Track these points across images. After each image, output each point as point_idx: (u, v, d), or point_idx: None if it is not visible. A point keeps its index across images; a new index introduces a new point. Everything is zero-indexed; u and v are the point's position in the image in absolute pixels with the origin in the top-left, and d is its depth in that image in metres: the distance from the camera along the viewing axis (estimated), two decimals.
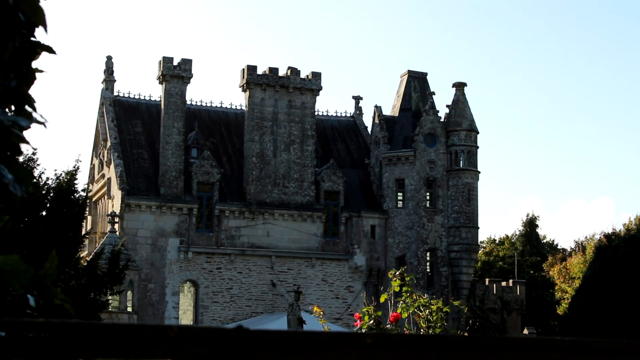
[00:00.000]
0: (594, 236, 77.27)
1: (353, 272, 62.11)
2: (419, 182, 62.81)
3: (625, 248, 52.96)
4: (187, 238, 58.85)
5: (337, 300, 61.46)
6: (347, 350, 1.58)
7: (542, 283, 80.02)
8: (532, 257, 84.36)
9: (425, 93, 65.50)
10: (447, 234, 62.53)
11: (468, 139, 63.59)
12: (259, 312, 59.50)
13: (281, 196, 61.17)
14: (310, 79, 63.33)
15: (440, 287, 61.30)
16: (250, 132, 61.53)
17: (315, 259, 61.27)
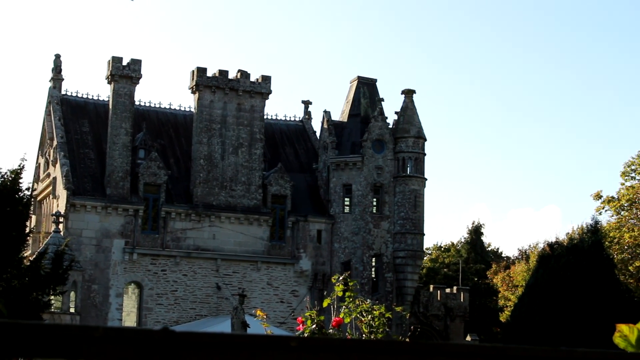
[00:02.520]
0: (538, 245, 78.16)
1: (298, 277, 62.17)
2: (366, 187, 63.06)
3: (567, 257, 53.54)
4: (133, 239, 58.50)
5: (282, 304, 61.47)
6: (272, 353, 1.64)
7: (485, 290, 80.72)
8: (477, 265, 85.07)
9: (374, 99, 65.79)
10: (393, 240, 62.84)
11: (416, 146, 63.97)
12: (203, 315, 59.32)
13: (228, 199, 61.06)
14: (260, 82, 63.32)
15: (385, 292, 61.58)
16: (199, 134, 61.36)
17: (260, 263, 61.25)
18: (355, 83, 67.02)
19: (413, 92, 65.76)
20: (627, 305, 49.95)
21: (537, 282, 54.18)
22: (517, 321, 54.14)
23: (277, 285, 61.77)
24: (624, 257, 58.13)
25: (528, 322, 51.57)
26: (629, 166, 57.72)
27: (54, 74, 63.84)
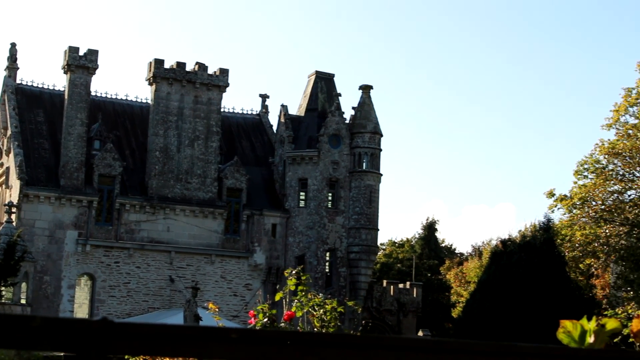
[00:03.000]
0: (491, 242, 78.78)
1: (252, 270, 62.11)
2: (322, 182, 63.13)
3: (519, 254, 54.06)
4: (86, 231, 58.08)
5: (235, 297, 61.38)
6: (212, 345, 1.66)
7: (438, 286, 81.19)
8: (430, 261, 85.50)
9: (331, 94, 65.85)
10: (348, 235, 63.00)
11: (372, 142, 64.15)
12: (156, 308, 59.08)
13: (183, 192, 60.84)
14: (217, 75, 63.12)
15: (339, 287, 61.72)
16: (155, 126, 61.05)
17: (215, 256, 61.10)
18: (313, 78, 67.02)
19: (370, 87, 65.91)
20: (578, 302, 50.56)
21: (489, 278, 54.66)
22: (468, 317, 54.59)
23: (231, 279, 61.66)
24: (575, 254, 58.58)
25: (479, 318, 52.01)
26: (582, 165, 58.16)
27: (9, 62, 63.14)
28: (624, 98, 57.28)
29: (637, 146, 55.52)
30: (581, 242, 57.35)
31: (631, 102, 56.89)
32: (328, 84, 66.83)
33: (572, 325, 3.61)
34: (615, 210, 55.78)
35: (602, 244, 55.86)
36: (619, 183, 56.74)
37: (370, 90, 65.87)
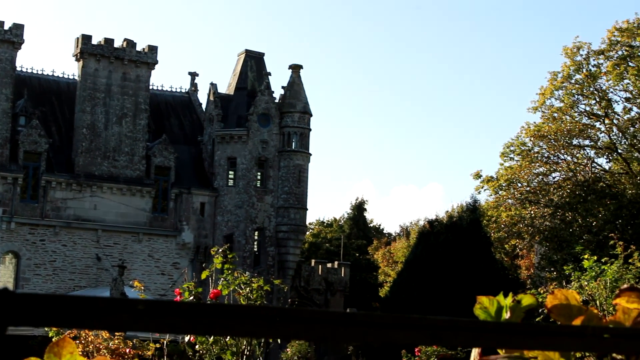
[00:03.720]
0: (419, 222, 79.48)
1: (180, 249, 61.83)
2: (251, 161, 63.01)
3: (446, 234, 54.65)
4: (11, 208, 57.21)
5: (163, 276, 61.06)
6: (118, 316, 1.65)
7: (366, 266, 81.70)
8: (358, 240, 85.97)
9: (261, 73, 65.64)
10: (276, 214, 63.03)
11: (301, 121, 64.18)
12: (82, 286, 58.51)
13: (111, 169, 60.24)
14: (146, 52, 62.51)
15: (267, 266, 61.76)
16: (82, 103, 60.29)
17: (142, 234, 60.67)
18: (242, 56, 66.72)
19: (300, 67, 65.87)
20: (502, 282, 51.24)
21: (416, 258, 55.19)
22: (395, 296, 55.08)
23: (159, 257, 61.32)
24: (500, 235, 59.48)
25: (406, 297, 52.50)
26: (508, 147, 58.98)
27: None
28: (550, 82, 58.11)
29: (562, 129, 56.43)
30: (506, 223, 58.22)
31: (557, 85, 57.75)
32: (258, 62, 66.61)
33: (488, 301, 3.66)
34: (540, 192, 56.68)
35: (527, 225, 56.76)
36: (544, 165, 57.66)
37: (300, 69, 65.83)
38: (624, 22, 56.97)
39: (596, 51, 57.60)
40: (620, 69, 56.34)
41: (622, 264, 19.62)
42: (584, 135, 57.78)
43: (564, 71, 57.91)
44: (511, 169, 58.30)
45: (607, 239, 22.42)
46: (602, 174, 57.54)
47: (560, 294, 3.42)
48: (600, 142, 58.18)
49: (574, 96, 57.93)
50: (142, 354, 17.39)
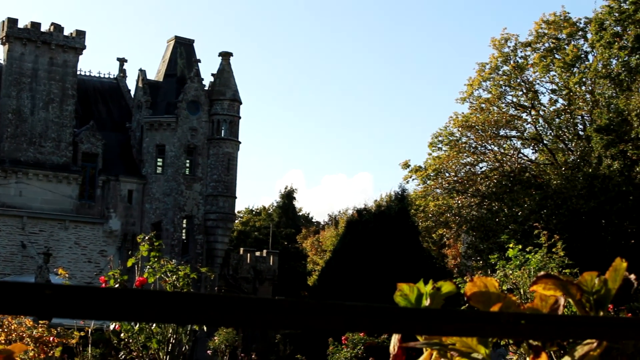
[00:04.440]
0: (347, 211, 79.84)
1: (107, 237, 61.22)
2: (180, 149, 62.62)
3: (374, 224, 54.95)
4: None
5: (89, 264, 60.41)
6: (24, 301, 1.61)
7: (295, 254, 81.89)
8: (287, 229, 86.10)
9: (191, 60, 65.21)
10: (205, 202, 62.76)
11: (231, 109, 63.94)
12: (6, 274, 57.60)
13: (37, 155, 59.36)
14: (74, 37, 61.66)
15: (195, 254, 61.50)
16: (8, 88, 59.27)
17: (69, 222, 59.93)
18: (172, 43, 66.21)
19: (230, 54, 65.59)
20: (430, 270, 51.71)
21: (344, 247, 55.41)
22: (323, 285, 55.26)
23: (85, 245, 60.64)
24: (428, 224, 60.09)
25: (334, 286, 52.70)
26: (436, 137, 59.55)
27: None
28: (478, 73, 58.79)
29: (490, 120, 57.13)
30: (434, 212, 58.82)
31: (484, 77, 58.45)
32: (187, 49, 66.16)
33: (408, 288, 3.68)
34: (468, 181, 57.36)
35: (454, 215, 57.41)
36: (472, 155, 58.35)
37: (230, 57, 65.56)
38: (550, 15, 57.84)
39: (523, 43, 58.41)
40: (546, 61, 57.22)
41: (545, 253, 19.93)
42: (511, 126, 58.60)
43: (492, 62, 58.62)
44: (439, 158, 58.88)
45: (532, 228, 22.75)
46: (528, 164, 58.42)
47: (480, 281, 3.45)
48: (527, 133, 59.06)
49: (502, 87, 58.72)
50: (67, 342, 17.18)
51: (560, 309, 3.42)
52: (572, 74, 56.44)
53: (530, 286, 3.50)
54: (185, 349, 13.16)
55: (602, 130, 45.29)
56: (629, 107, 43.44)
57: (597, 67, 50.55)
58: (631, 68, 47.54)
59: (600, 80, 50.81)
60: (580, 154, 52.78)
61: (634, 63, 46.87)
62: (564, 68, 56.72)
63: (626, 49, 46.76)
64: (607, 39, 46.90)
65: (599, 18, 48.63)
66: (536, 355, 3.15)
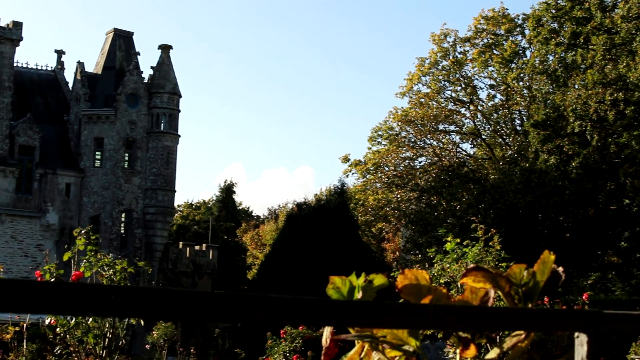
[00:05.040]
0: (287, 205, 79.84)
1: (45, 231, 60.52)
2: (119, 142, 62.10)
3: (314, 217, 55.03)
4: None
5: (25, 258, 59.68)
6: None
7: (235, 248, 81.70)
8: (227, 223, 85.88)
9: (130, 53, 64.68)
10: (144, 196, 62.35)
11: (171, 102, 63.56)
12: None
13: None
14: (10, 28, 60.81)
15: (134, 248, 61.07)
16: None
17: (5, 215, 59.13)
18: (111, 35, 65.60)
19: (170, 47, 65.18)
20: (369, 264, 51.96)
21: (284, 240, 55.41)
22: (263, 278, 55.21)
23: (22, 239, 59.89)
24: (367, 218, 60.36)
25: (274, 280, 52.68)
26: (376, 131, 59.85)
27: None
28: (418, 68, 59.16)
29: (429, 114, 57.53)
30: (374, 206, 59.11)
31: (424, 71, 58.83)
32: (127, 42, 65.61)
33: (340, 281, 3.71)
34: (407, 176, 57.71)
35: (393, 209, 57.73)
36: (411, 150, 58.71)
37: (170, 50, 65.16)
38: (489, 11, 58.42)
39: (462, 38, 58.92)
40: (485, 57, 57.78)
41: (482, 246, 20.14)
42: (450, 121, 59.09)
43: (432, 57, 59.04)
44: (379, 153, 59.18)
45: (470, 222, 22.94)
46: (466, 159, 58.96)
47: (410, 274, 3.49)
48: (465, 128, 59.60)
49: (441, 82, 59.18)
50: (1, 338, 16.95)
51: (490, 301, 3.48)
52: (510, 70, 57.09)
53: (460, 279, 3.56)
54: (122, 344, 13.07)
55: (539, 126, 45.84)
56: (565, 103, 44.03)
57: (534, 63, 51.15)
58: (567, 64, 48.20)
59: (537, 76, 51.44)
60: (517, 149, 53.41)
61: (570, 59, 47.52)
62: (502, 64, 57.35)
63: (562, 45, 47.39)
64: (544, 35, 47.49)
65: (537, 15, 49.22)
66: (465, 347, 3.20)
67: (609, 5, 44.87)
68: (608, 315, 2.89)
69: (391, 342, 3.35)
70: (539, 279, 3.43)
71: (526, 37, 55.66)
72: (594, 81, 41.98)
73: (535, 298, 3.46)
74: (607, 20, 43.17)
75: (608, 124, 41.82)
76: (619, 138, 41.79)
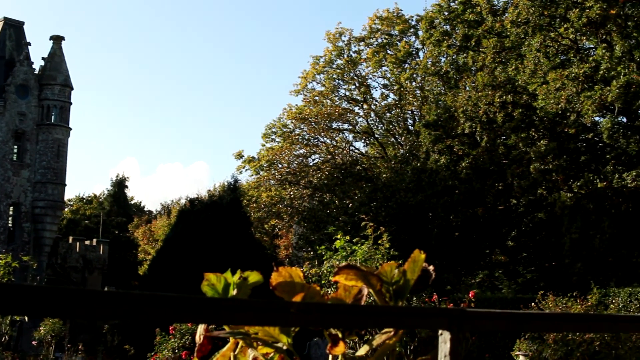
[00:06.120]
0: (180, 200, 79.30)
1: None
2: (7, 134, 60.75)
3: (206, 213, 54.74)
4: None
5: None
6: None
7: (126, 243, 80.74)
8: (119, 218, 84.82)
9: (20, 42, 63.32)
10: (33, 189, 61.14)
11: (62, 94, 62.47)
12: None
13: None
14: None
15: (22, 243, 59.86)
16: None
17: None
18: (0, 24, 64.10)
19: (62, 38, 64.07)
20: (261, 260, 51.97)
21: (176, 236, 55.01)
22: (154, 274, 54.71)
23: None
24: (260, 215, 60.34)
25: (165, 276, 52.27)
26: (270, 128, 59.91)
27: None
28: (312, 66, 59.44)
29: (323, 112, 57.85)
30: (267, 203, 59.14)
31: (319, 69, 59.14)
32: (17, 31, 64.21)
33: (215, 277, 3.75)
34: (300, 173, 57.92)
35: (286, 206, 57.89)
36: (304, 147, 58.95)
37: (62, 41, 64.04)
38: (384, 11, 59.02)
39: (357, 38, 59.40)
40: (379, 57, 58.37)
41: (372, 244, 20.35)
42: (344, 119, 59.49)
43: (326, 56, 59.35)
44: (272, 150, 59.23)
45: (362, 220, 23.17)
46: (359, 157, 59.45)
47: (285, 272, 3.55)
48: (359, 127, 60.09)
49: (335, 81, 59.55)
50: None
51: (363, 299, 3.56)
52: (404, 70, 57.78)
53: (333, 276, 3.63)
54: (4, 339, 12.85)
55: (430, 126, 46.48)
56: (456, 104, 44.72)
57: (426, 64, 51.86)
58: (459, 66, 48.99)
59: (429, 77, 52.18)
60: (409, 149, 54.08)
61: (462, 61, 48.32)
62: (396, 64, 58.01)
63: (454, 47, 48.15)
64: (436, 37, 48.17)
65: (430, 16, 49.90)
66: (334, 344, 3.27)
67: (500, 10, 45.74)
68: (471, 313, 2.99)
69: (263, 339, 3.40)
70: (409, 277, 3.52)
71: (419, 39, 56.40)
72: (484, 83, 42.76)
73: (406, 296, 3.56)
74: (497, 24, 44.01)
75: (497, 126, 42.63)
76: (507, 140, 42.66)
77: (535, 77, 40.05)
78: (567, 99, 37.89)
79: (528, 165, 40.79)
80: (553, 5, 39.06)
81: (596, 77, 37.38)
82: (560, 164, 39.73)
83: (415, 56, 58.30)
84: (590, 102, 36.69)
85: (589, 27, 37.82)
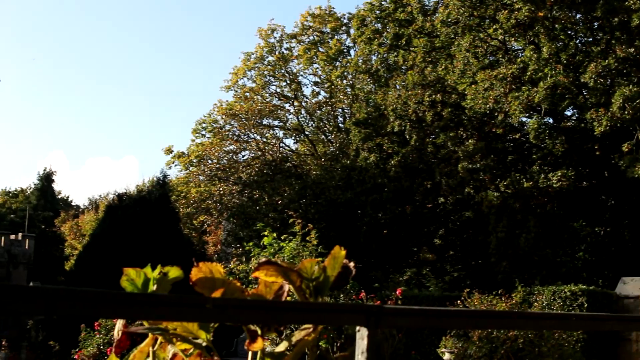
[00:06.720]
0: (109, 195, 78.55)
1: None
2: None
3: (134, 208, 54.30)
4: None
5: None
6: None
7: (52, 238, 79.70)
8: (45, 212, 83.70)
9: None
10: None
11: None
12: None
13: None
14: None
15: None
16: None
17: None
18: None
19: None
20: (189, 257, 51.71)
21: (103, 231, 54.48)
22: (80, 270, 54.14)
23: None
24: (189, 211, 60.05)
25: (91, 271, 51.75)
26: (200, 124, 59.63)
27: None
28: (243, 62, 59.33)
29: (253, 109, 57.78)
30: (196, 199, 58.88)
31: (250, 66, 59.04)
32: None
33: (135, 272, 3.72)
34: (230, 169, 57.78)
35: (216, 202, 57.70)
36: (235, 143, 58.82)
37: None
38: (316, 9, 59.15)
39: (289, 34, 59.43)
40: (310, 54, 58.49)
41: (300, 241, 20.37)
42: (274, 116, 59.48)
43: (258, 52, 59.26)
44: (202, 145, 58.97)
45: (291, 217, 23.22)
46: (289, 154, 59.50)
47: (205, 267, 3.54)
48: (289, 123, 60.12)
49: (266, 77, 59.51)
50: None
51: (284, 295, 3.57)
52: (335, 68, 57.97)
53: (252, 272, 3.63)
54: None
55: (360, 124, 46.67)
56: (386, 103, 44.98)
57: (357, 62, 52.08)
58: (389, 65, 49.26)
59: (360, 75, 52.38)
60: (339, 146, 54.26)
61: (392, 60, 48.59)
62: (327, 61, 58.17)
63: (385, 46, 48.38)
64: (367, 35, 48.35)
65: (361, 15, 50.07)
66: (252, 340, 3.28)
67: (430, 10, 46.06)
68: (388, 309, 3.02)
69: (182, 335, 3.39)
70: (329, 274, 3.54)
71: (351, 37, 56.61)
72: (413, 82, 43.06)
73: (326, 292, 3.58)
74: (428, 24, 44.33)
75: (426, 125, 42.96)
76: (436, 138, 43.00)
77: (465, 77, 40.46)
78: (495, 99, 38.35)
79: (456, 164, 41.20)
80: (483, 6, 39.49)
81: (524, 78, 37.90)
82: (488, 163, 40.22)
83: (346, 54, 58.52)
84: (518, 102, 37.18)
85: (518, 28, 38.31)
